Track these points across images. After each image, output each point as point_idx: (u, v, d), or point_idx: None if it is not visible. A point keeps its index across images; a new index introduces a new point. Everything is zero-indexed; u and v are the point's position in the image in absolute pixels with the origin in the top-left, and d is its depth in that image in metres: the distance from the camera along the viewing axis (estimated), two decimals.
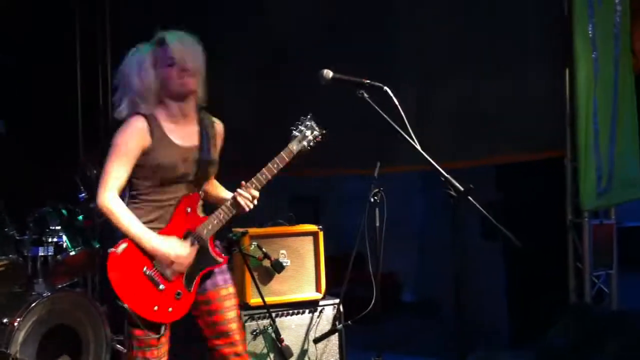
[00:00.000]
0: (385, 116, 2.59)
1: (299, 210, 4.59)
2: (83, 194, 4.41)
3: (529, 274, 4.91)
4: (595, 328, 3.81)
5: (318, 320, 3.83)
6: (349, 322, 3.80)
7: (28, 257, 4.05)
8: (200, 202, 2.86)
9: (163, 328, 2.74)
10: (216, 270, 2.87)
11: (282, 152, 2.84)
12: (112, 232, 2.74)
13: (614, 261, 4.46)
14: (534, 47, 4.37)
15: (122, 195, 2.75)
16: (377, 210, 3.58)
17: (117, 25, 6.19)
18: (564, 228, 4.40)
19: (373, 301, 3.61)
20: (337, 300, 3.87)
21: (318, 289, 3.88)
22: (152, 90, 2.75)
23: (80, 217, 4.30)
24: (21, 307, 3.72)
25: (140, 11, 5.90)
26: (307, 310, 3.82)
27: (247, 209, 2.80)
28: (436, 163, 2.52)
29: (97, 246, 4.36)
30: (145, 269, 2.69)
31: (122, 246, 2.67)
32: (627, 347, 3.58)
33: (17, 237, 4.01)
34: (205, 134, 2.84)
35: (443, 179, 2.48)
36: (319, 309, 3.84)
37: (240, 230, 3.68)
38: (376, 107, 2.61)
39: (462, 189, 2.44)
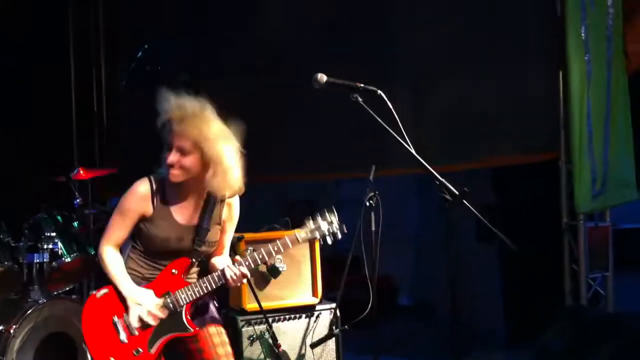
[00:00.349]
0: (379, 120, 2.59)
1: (294, 214, 4.59)
2: (78, 200, 4.40)
3: (525, 276, 4.91)
4: (591, 330, 3.81)
5: (315, 324, 3.83)
6: (346, 326, 3.80)
7: (23, 264, 4.04)
8: (193, 269, 2.81)
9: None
10: (202, 311, 2.82)
11: (286, 237, 2.79)
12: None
13: (609, 263, 4.46)
14: (531, 49, 4.38)
15: (124, 246, 2.81)
16: (372, 213, 3.58)
17: (111, 26, 6.19)
18: (559, 230, 4.40)
19: (370, 305, 3.61)
20: (333, 305, 3.87)
21: (314, 294, 3.88)
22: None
23: (76, 224, 4.28)
24: (17, 314, 3.72)
25: (135, 12, 5.91)
26: (303, 315, 3.81)
27: (234, 285, 2.76)
28: (433, 165, 2.53)
29: (93, 252, 4.35)
30: (115, 317, 2.72)
31: (103, 291, 2.75)
32: (623, 349, 3.58)
33: (13, 244, 4.00)
34: (207, 215, 2.74)
35: (437, 182, 2.48)
36: (316, 313, 3.84)
37: (236, 235, 3.68)
38: (370, 111, 2.61)
39: (456, 192, 2.45)
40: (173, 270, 2.75)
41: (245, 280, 2.80)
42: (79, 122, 6.04)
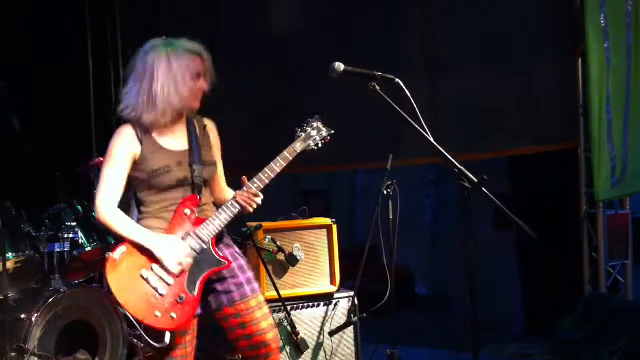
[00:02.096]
0: (397, 108, 2.59)
1: (311, 204, 4.60)
2: None
3: (543, 265, 4.90)
4: (611, 319, 3.80)
5: (333, 313, 3.84)
6: (364, 314, 3.82)
7: (44, 254, 4.07)
8: (203, 205, 2.77)
9: (168, 337, 2.61)
10: (242, 280, 2.78)
11: (284, 151, 2.78)
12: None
13: (629, 251, 4.44)
14: (548, 37, 4.35)
15: (131, 212, 2.73)
16: (390, 202, 3.59)
17: (128, 22, 6.22)
18: (578, 219, 4.38)
19: (388, 293, 3.62)
20: (351, 293, 3.88)
21: (333, 282, 3.90)
22: (177, 102, 2.66)
23: (95, 214, 4.31)
24: (38, 303, 3.75)
25: (150, 7, 5.93)
26: (322, 303, 3.83)
27: (249, 209, 2.73)
28: (448, 155, 2.52)
29: (113, 242, 4.39)
30: (144, 272, 2.60)
31: (120, 250, 2.61)
32: None
33: (33, 234, 4.03)
34: (194, 137, 2.76)
35: (457, 170, 2.48)
36: (334, 301, 3.86)
37: (254, 224, 3.71)
38: (388, 100, 2.61)
39: (476, 180, 2.44)
40: (185, 211, 2.69)
41: (259, 201, 2.73)
42: (97, 113, 6.08)
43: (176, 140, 2.75)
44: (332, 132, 2.89)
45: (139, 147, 2.67)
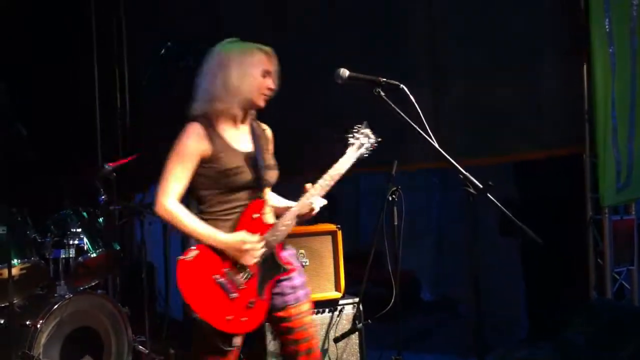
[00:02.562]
0: (402, 114, 2.59)
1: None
2: (103, 197, 4.45)
3: (547, 271, 4.88)
4: (616, 324, 3.78)
5: (338, 319, 3.84)
6: (369, 320, 3.81)
7: (49, 260, 4.08)
8: (267, 209, 2.80)
9: (235, 340, 2.65)
10: (297, 283, 2.80)
11: (340, 160, 2.82)
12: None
13: (635, 257, 4.42)
14: (552, 42, 4.34)
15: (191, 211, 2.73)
16: (395, 208, 3.58)
17: (133, 28, 6.24)
18: (583, 224, 4.37)
19: (393, 300, 3.62)
20: (356, 299, 3.88)
21: (337, 288, 3.89)
22: (247, 94, 2.72)
23: (101, 220, 4.33)
24: (43, 309, 3.76)
25: (157, 13, 5.95)
26: (326, 310, 3.83)
27: (313, 213, 2.78)
28: (453, 160, 2.52)
29: (118, 248, 4.40)
30: (216, 276, 2.60)
31: (193, 253, 2.60)
32: None
33: (39, 240, 4.04)
34: (257, 140, 2.81)
35: (462, 176, 2.48)
36: (339, 307, 3.85)
37: None
38: (393, 105, 2.61)
39: (481, 186, 2.44)
40: (253, 215, 2.71)
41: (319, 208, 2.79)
42: (103, 119, 6.10)
43: (243, 140, 2.78)
44: (379, 139, 2.93)
45: (209, 146, 2.68)
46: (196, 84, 2.78)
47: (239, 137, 2.77)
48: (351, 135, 2.89)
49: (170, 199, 2.63)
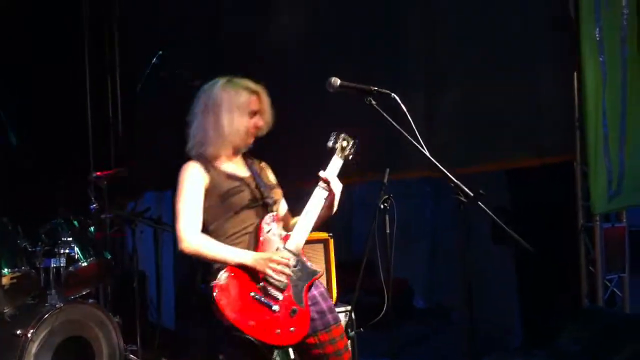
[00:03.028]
0: (393, 123, 2.60)
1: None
2: (94, 205, 4.44)
3: (541, 278, 4.89)
4: (609, 332, 3.79)
5: None
6: (362, 329, 3.80)
7: (40, 269, 4.06)
8: (280, 223, 2.84)
9: (292, 352, 2.73)
10: (325, 308, 2.81)
11: (329, 167, 2.87)
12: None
13: (626, 264, 4.43)
14: (542, 51, 4.36)
15: None
16: (387, 216, 3.58)
17: (126, 36, 6.23)
18: (575, 232, 4.38)
19: (385, 308, 3.61)
20: (348, 308, 3.87)
21: (329, 296, 3.87)
22: (236, 136, 2.80)
23: (92, 228, 4.31)
24: (34, 319, 3.74)
25: (149, 20, 5.95)
26: None
27: (336, 201, 2.86)
28: (445, 169, 2.52)
29: (109, 257, 4.38)
30: (253, 294, 2.62)
31: (224, 275, 2.62)
32: None
33: (29, 249, 4.02)
34: (253, 167, 2.91)
35: (452, 184, 2.48)
36: None
37: None
38: (384, 114, 2.62)
39: (471, 194, 2.44)
40: (268, 229, 2.75)
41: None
42: (94, 126, 6.09)
43: (238, 169, 2.87)
44: (357, 140, 2.94)
45: (207, 177, 2.77)
46: (188, 122, 2.87)
47: (235, 168, 2.87)
48: (331, 142, 2.90)
49: (191, 232, 2.69)
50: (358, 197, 6.79)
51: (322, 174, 2.80)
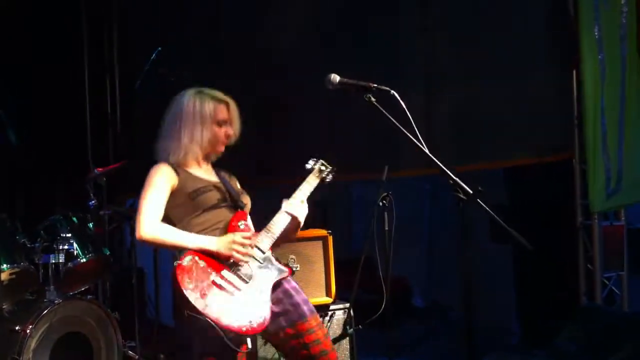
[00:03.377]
0: (393, 120, 2.60)
1: (307, 215, 4.60)
2: (93, 201, 4.43)
3: (539, 276, 4.90)
4: (608, 330, 3.79)
5: (329, 324, 3.84)
6: (360, 326, 3.81)
7: (39, 265, 4.05)
8: (249, 221, 2.89)
9: (245, 342, 2.65)
10: (300, 300, 2.83)
11: (302, 186, 2.94)
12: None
13: (624, 263, 4.44)
14: (540, 49, 4.37)
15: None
16: (385, 214, 3.58)
17: (125, 34, 6.23)
18: (573, 230, 4.39)
19: (383, 305, 3.61)
20: (347, 305, 3.88)
21: (328, 294, 3.89)
22: (202, 145, 2.89)
23: (91, 225, 4.31)
24: (33, 315, 3.74)
25: (148, 20, 5.94)
26: (317, 315, 3.81)
27: (300, 219, 2.86)
28: (444, 166, 2.52)
29: (108, 253, 4.38)
30: (215, 278, 2.64)
31: (188, 257, 2.66)
32: None
33: (28, 245, 4.02)
34: (221, 175, 3.00)
35: (452, 182, 2.48)
36: (330, 313, 3.85)
37: None
38: (384, 111, 2.62)
39: (471, 191, 2.44)
40: (239, 224, 2.81)
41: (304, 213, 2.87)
42: (93, 124, 6.09)
43: (207, 174, 2.95)
44: (335, 169, 3.04)
45: (176, 178, 2.84)
46: (160, 127, 2.96)
47: (204, 173, 2.96)
48: (310, 165, 3.00)
49: (149, 221, 2.74)
50: (357, 196, 6.79)
51: (285, 205, 2.84)
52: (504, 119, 4.43)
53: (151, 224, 2.73)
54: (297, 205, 2.86)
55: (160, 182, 2.81)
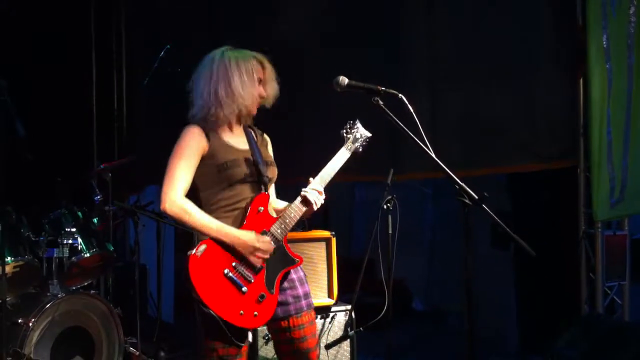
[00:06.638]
0: (400, 123, 2.60)
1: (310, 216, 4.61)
2: (98, 197, 4.45)
3: (540, 283, 4.90)
4: (608, 338, 3.80)
5: (330, 326, 3.85)
6: (361, 328, 3.81)
7: (43, 259, 4.07)
8: (270, 205, 2.86)
9: (247, 336, 2.67)
10: (301, 293, 2.83)
11: (339, 153, 2.88)
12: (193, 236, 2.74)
13: (626, 272, 4.44)
14: (547, 57, 4.37)
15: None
16: (389, 217, 3.59)
17: (132, 30, 6.25)
18: (576, 238, 4.39)
19: (385, 308, 3.62)
20: (349, 307, 3.88)
21: (330, 295, 3.90)
22: (247, 100, 2.79)
23: (95, 220, 4.33)
24: (36, 308, 3.76)
25: (154, 16, 5.96)
26: (319, 316, 3.83)
27: (316, 207, 2.80)
28: (449, 171, 2.53)
29: (111, 249, 4.40)
30: (226, 271, 2.63)
31: (202, 247, 2.63)
32: None
33: (33, 239, 4.04)
34: (253, 140, 2.89)
35: (457, 186, 2.49)
36: (331, 314, 3.86)
37: None
38: (391, 115, 2.62)
39: (476, 197, 2.45)
40: (259, 209, 2.75)
41: (322, 199, 2.82)
42: (100, 121, 6.11)
43: (239, 142, 2.85)
44: (370, 135, 2.97)
45: (207, 143, 2.74)
46: (190, 88, 2.85)
47: (236, 139, 2.85)
48: (345, 131, 2.93)
49: (177, 194, 2.66)
50: (360, 198, 6.80)
51: (304, 190, 2.80)
52: (510, 124, 4.43)
53: (176, 201, 2.65)
54: (314, 195, 2.79)
55: (190, 149, 2.71)
